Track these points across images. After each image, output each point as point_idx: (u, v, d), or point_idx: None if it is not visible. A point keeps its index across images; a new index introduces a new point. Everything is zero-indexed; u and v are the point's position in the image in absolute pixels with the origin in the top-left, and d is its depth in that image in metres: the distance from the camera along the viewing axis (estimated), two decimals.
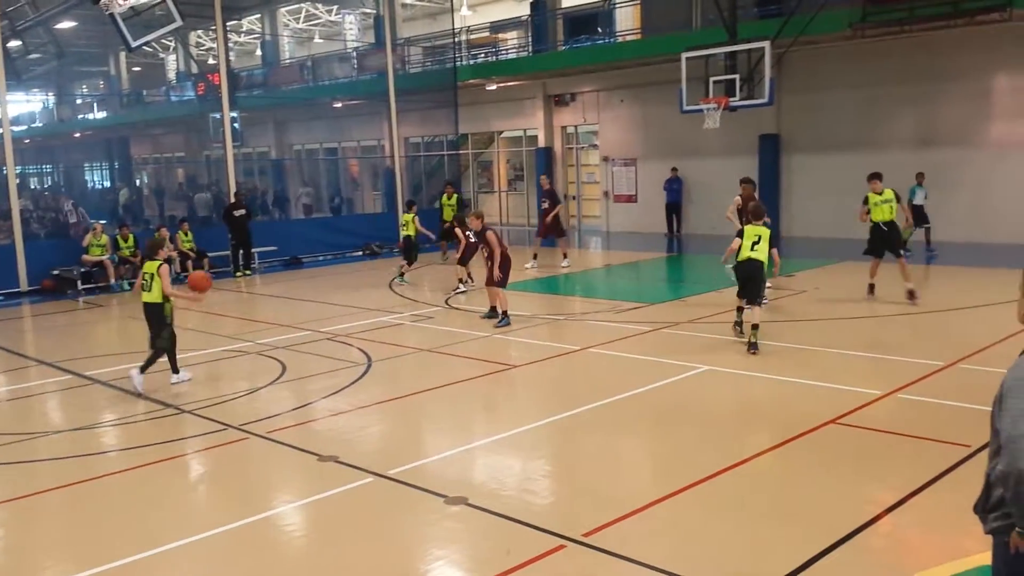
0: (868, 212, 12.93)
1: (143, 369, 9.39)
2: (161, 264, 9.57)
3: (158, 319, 9.63)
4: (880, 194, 12.88)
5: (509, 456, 7.22)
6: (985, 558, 3.23)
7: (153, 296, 9.59)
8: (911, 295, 12.48)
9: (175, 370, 9.78)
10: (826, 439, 7.17)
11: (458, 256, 15.38)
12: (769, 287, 13.53)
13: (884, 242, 12.92)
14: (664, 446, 7.40)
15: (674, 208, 24.21)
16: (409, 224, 16.94)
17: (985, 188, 18.81)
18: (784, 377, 9.10)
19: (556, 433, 7.76)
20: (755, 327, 10.25)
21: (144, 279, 9.66)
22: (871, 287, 13.15)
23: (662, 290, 16.56)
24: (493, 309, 12.73)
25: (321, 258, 22.18)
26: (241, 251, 19.81)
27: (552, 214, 18.41)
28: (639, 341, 11.14)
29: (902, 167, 19.72)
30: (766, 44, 17.43)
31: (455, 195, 20.43)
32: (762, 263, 10.49)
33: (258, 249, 20.49)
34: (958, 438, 6.77)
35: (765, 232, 10.56)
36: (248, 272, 19.77)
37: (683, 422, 7.89)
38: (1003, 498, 2.99)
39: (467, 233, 14.55)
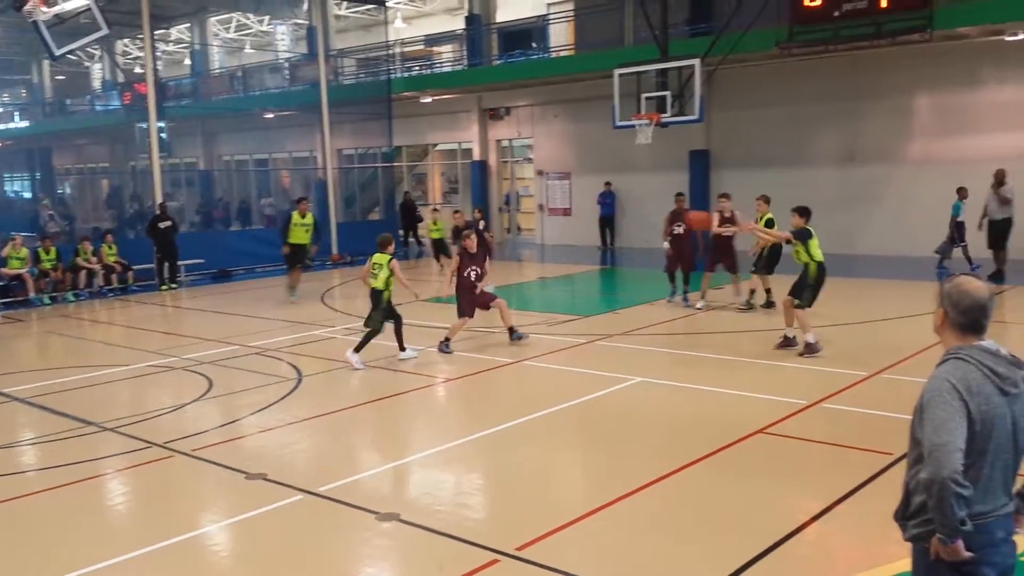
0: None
1: (358, 349, 10.61)
2: (391, 259, 10.83)
3: (376, 303, 10.88)
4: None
5: (442, 471, 7.16)
6: (908, 564, 3.30)
7: (378, 283, 10.81)
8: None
9: (401, 348, 10.95)
10: (754, 449, 7.28)
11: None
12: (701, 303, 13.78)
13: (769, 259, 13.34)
14: (596, 458, 7.42)
15: (607, 221, 24.48)
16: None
17: (906, 203, 19.43)
18: (714, 388, 9.22)
19: (490, 447, 7.72)
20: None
21: (373, 269, 10.86)
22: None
23: (596, 303, 16.69)
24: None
25: (251, 271, 21.77)
26: (167, 264, 19.34)
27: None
28: (573, 353, 11.18)
29: (827, 183, 20.33)
30: (696, 62, 17.75)
31: (309, 214, 16.66)
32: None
33: (184, 262, 20.03)
34: (881, 446, 6.94)
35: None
36: (174, 285, 19.31)
37: (615, 434, 7.93)
38: (923, 506, 3.06)
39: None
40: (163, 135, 23.22)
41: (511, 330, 11.74)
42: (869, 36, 17.15)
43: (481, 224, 17.83)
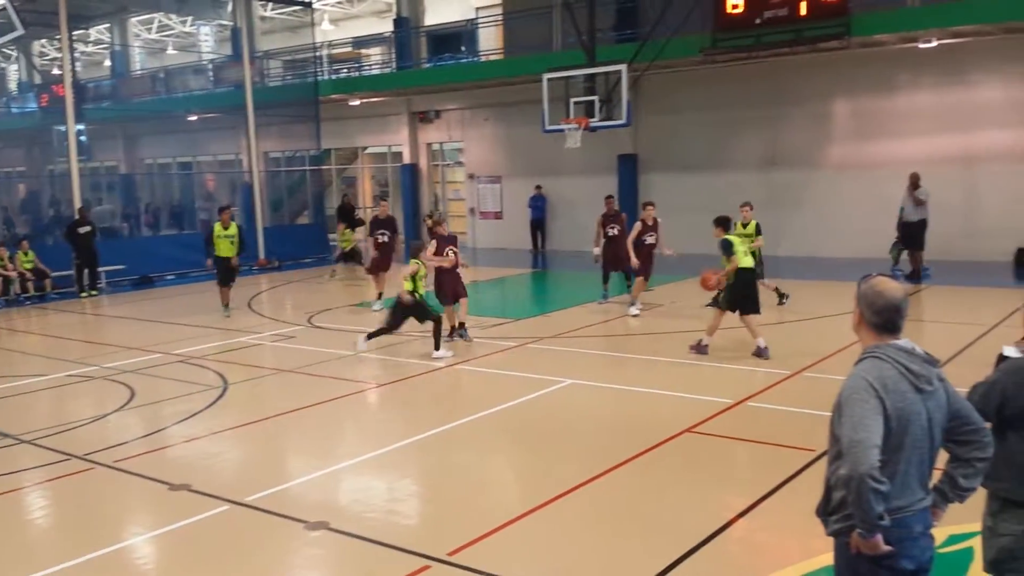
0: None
1: (370, 336, 11.37)
2: (416, 262, 11.19)
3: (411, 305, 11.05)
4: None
5: (373, 477, 7.09)
6: (831, 558, 3.38)
7: (408, 285, 11.01)
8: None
9: (436, 347, 11.07)
10: (682, 448, 7.39)
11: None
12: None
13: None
14: (528, 461, 7.44)
15: (538, 225, 24.61)
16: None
17: (825, 206, 19.97)
18: (643, 388, 9.34)
19: (422, 452, 7.67)
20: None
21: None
22: None
23: (527, 306, 16.73)
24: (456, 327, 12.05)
25: (174, 277, 21.23)
26: (86, 270, 18.75)
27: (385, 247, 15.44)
28: (505, 357, 11.20)
29: (751, 187, 20.75)
30: (623, 67, 17.97)
31: (233, 224, 15.31)
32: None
33: (105, 268, 19.44)
34: (803, 443, 7.11)
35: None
36: (94, 292, 18.73)
37: (547, 436, 7.96)
38: (843, 501, 3.14)
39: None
40: (82, 138, 22.55)
41: (461, 325, 12.02)
42: (789, 43, 17.61)
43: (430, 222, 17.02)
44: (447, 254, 11.79)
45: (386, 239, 15.41)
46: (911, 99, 18.96)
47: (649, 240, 13.66)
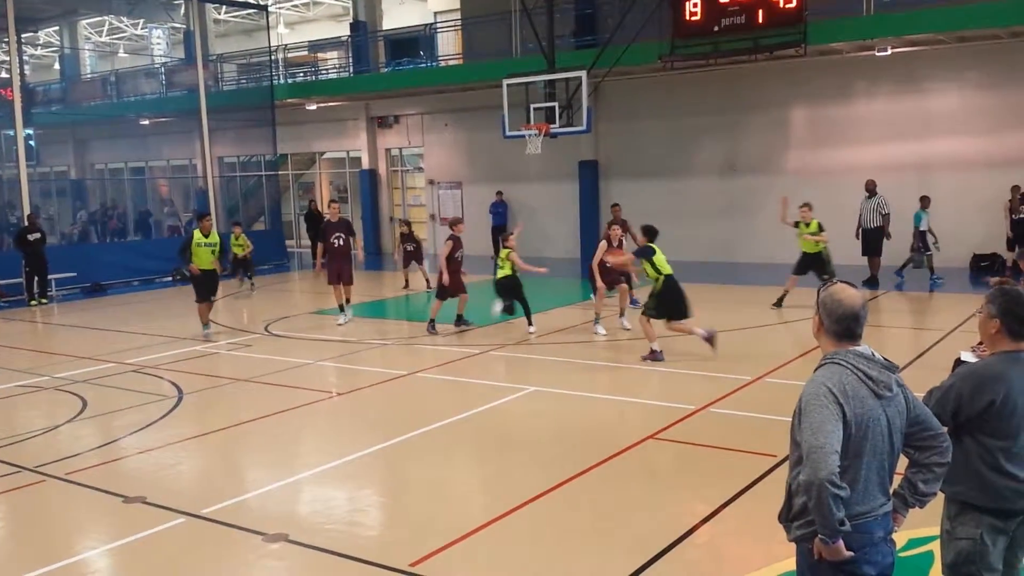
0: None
1: (531, 322, 12.86)
2: (511, 251, 12.94)
3: (509, 287, 13.04)
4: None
5: (333, 488, 7.00)
6: (793, 564, 3.39)
7: (507, 270, 12.94)
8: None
9: (530, 323, 12.96)
10: (645, 455, 7.41)
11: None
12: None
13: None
14: (490, 470, 7.40)
15: (500, 231, 24.50)
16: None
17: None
18: (605, 395, 9.35)
19: (383, 461, 7.59)
20: None
21: (499, 262, 13.09)
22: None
23: (488, 312, 16.66)
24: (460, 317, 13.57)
25: (127, 285, 20.82)
26: (36, 278, 18.32)
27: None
28: (467, 364, 11.14)
29: (711, 193, 20.97)
30: (583, 73, 18.03)
31: (214, 232, 14.15)
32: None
33: (55, 276, 19.01)
34: (765, 448, 7.15)
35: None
36: (44, 300, 18.30)
37: (509, 444, 7.93)
38: (804, 507, 3.15)
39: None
40: (31, 142, 22.05)
41: (459, 317, 13.52)
42: (747, 51, 17.78)
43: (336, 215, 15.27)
44: (459, 256, 13.62)
45: (341, 243, 14.33)
46: (868, 106, 19.26)
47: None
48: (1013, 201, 16.57)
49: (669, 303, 10.74)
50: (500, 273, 13.08)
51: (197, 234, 13.83)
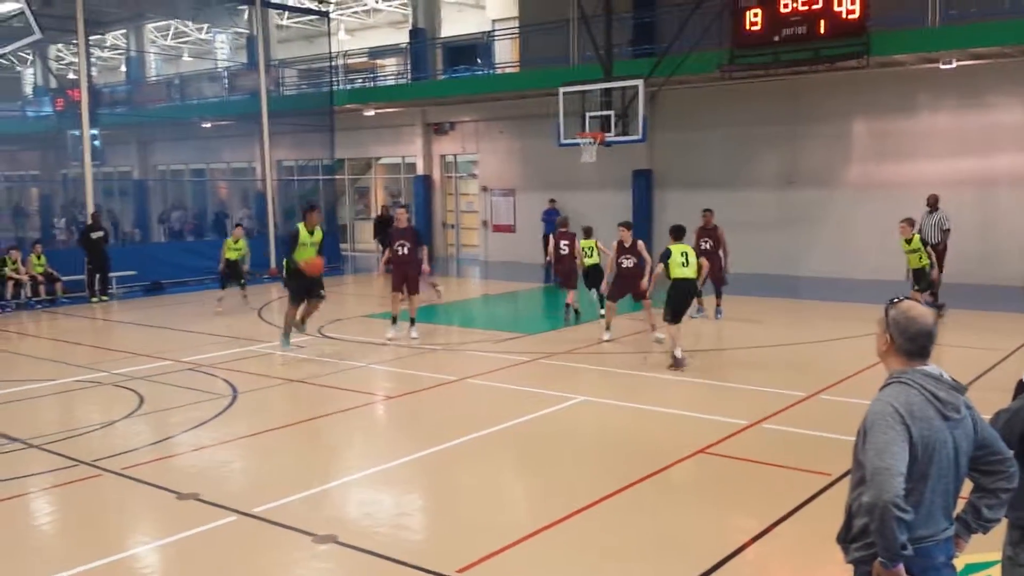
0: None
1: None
2: (597, 240, 14.40)
3: (597, 277, 14.29)
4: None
5: (382, 491, 7.02)
6: None
7: (595, 259, 14.18)
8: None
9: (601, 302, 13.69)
10: (695, 469, 7.30)
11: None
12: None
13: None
14: (539, 478, 7.35)
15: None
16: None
17: (846, 227, 19.78)
18: (656, 407, 9.24)
19: (431, 466, 7.60)
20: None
21: (585, 251, 14.24)
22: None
23: (539, 320, 16.65)
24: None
25: (185, 284, 21.23)
26: (98, 275, 18.78)
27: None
28: (516, 371, 11.12)
29: (768, 206, 20.69)
30: (640, 82, 17.93)
31: (319, 229, 12.89)
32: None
33: (116, 273, 19.47)
34: (819, 467, 7.00)
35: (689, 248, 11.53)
36: (105, 298, 18.75)
37: (558, 453, 7.87)
38: (865, 528, 3.06)
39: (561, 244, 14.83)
40: (96, 143, 22.60)
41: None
42: (808, 61, 17.52)
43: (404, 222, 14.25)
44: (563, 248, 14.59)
45: (405, 251, 13.20)
46: (930, 120, 18.84)
47: (626, 263, 12.71)
48: None
49: (675, 305, 11.09)
50: (589, 262, 14.31)
51: (303, 231, 12.40)
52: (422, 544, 5.97)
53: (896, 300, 3.30)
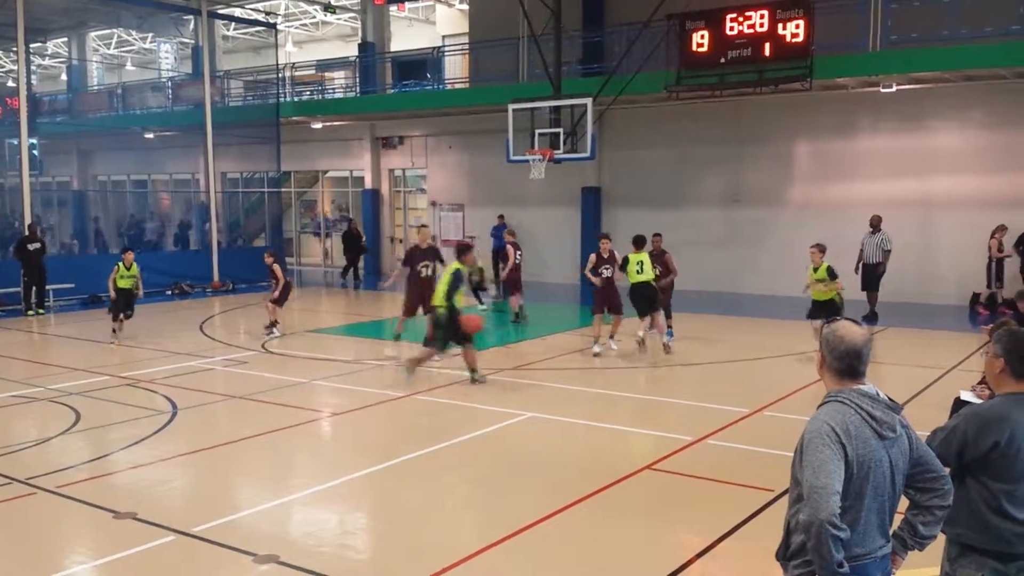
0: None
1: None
2: (647, 254, 13.21)
3: (645, 295, 13.01)
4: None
5: (326, 509, 6.93)
6: None
7: (646, 276, 12.87)
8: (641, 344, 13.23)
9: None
10: (641, 485, 7.34)
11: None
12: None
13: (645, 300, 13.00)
14: (485, 495, 7.33)
15: (500, 254, 24.49)
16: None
17: (789, 245, 20.04)
18: (603, 424, 9.29)
19: (376, 484, 7.53)
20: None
21: (637, 266, 12.90)
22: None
23: (487, 336, 16.61)
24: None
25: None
26: (34, 288, 18.26)
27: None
28: (464, 388, 11.08)
29: (713, 224, 20.99)
30: (588, 100, 18.09)
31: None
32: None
33: (53, 286, 18.94)
34: (762, 483, 7.09)
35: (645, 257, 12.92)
36: (41, 311, 18.25)
37: (504, 470, 7.86)
38: (803, 546, 3.10)
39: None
40: (35, 152, 22.07)
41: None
42: (753, 83, 17.89)
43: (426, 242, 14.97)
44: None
45: (430, 272, 13.23)
46: (871, 142, 19.31)
47: (607, 274, 13.17)
48: (996, 240, 16.57)
49: (636, 305, 12.93)
50: (638, 279, 12.79)
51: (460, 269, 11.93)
52: (367, 563, 5.90)
53: (834, 319, 3.37)
